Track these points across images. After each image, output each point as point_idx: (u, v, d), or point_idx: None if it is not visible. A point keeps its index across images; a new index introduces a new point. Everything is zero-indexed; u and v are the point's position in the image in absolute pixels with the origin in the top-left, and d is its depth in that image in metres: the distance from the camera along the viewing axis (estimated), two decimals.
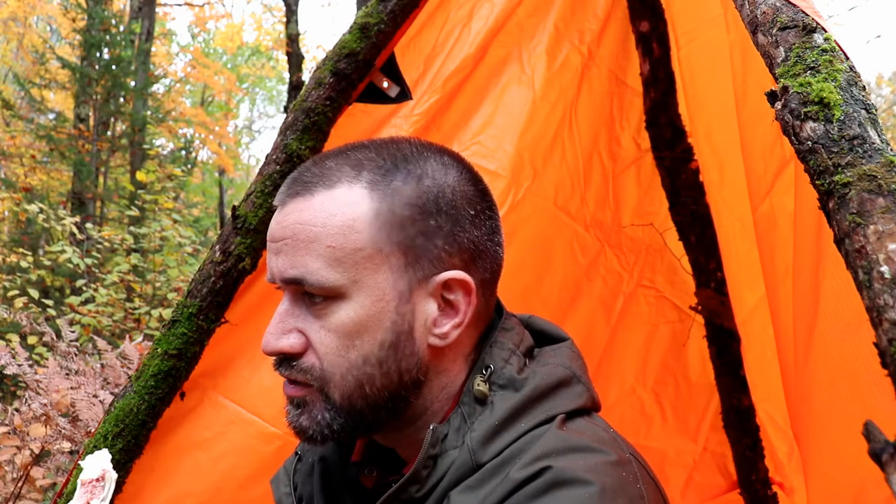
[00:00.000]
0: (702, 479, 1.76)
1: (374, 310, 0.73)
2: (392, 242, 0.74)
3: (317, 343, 0.75)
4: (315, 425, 0.76)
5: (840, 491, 0.93)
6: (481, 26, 1.46)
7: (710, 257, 1.65)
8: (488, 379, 0.77)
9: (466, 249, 0.77)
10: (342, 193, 0.74)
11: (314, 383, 0.75)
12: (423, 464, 0.73)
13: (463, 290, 0.77)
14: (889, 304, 0.54)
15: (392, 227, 0.74)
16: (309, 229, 0.73)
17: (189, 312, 1.23)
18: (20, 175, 10.34)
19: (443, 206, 0.76)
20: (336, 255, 0.72)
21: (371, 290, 0.73)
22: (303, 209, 0.74)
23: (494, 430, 0.73)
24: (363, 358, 0.74)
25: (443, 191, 0.77)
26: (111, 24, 10.07)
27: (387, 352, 0.74)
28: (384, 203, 0.74)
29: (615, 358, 1.69)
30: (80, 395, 2.83)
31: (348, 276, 0.73)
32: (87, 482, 0.85)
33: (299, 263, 0.73)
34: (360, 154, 0.77)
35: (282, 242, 0.75)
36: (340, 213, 0.73)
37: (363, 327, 0.74)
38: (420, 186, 0.75)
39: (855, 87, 0.69)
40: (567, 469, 0.67)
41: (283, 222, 0.76)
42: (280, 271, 0.75)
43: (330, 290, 0.73)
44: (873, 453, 0.52)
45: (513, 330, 0.83)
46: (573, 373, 0.80)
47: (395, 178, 0.75)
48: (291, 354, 0.76)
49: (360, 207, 0.73)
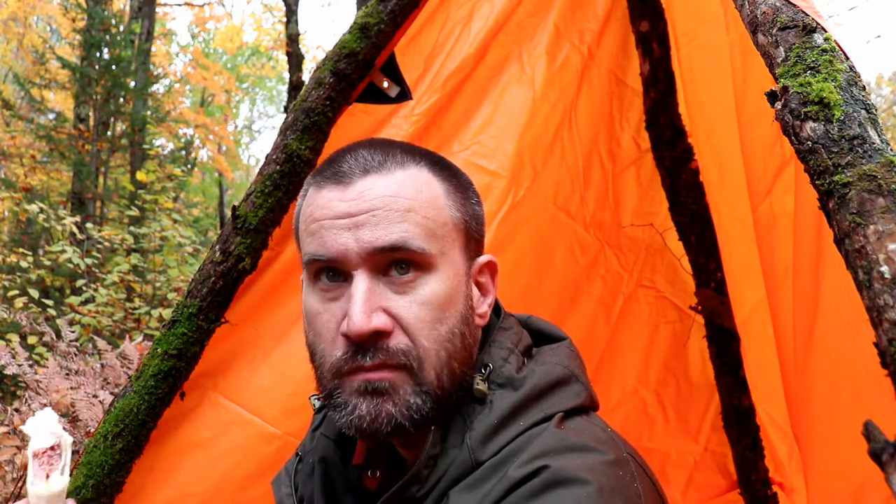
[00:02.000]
0: (702, 479, 1.76)
1: (456, 282, 0.77)
2: (461, 221, 0.79)
3: (409, 318, 0.73)
4: (404, 410, 0.72)
5: (840, 491, 0.93)
6: (481, 26, 1.46)
7: (710, 257, 1.65)
8: (487, 378, 0.77)
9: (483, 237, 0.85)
10: (417, 173, 0.77)
11: (412, 363, 0.73)
12: (424, 464, 0.73)
13: (490, 273, 0.83)
14: (889, 304, 0.54)
15: (458, 208, 0.79)
16: (402, 200, 0.74)
17: (189, 312, 1.22)
18: (20, 175, 10.33)
19: (477, 198, 0.84)
20: (430, 225, 0.75)
21: (452, 263, 0.77)
22: (387, 183, 0.75)
23: (493, 429, 0.74)
24: (451, 331, 0.75)
25: (473, 185, 0.85)
26: (111, 24, 10.06)
27: (465, 325, 0.77)
28: (447, 186, 0.79)
29: (616, 358, 1.69)
30: (80, 395, 2.83)
31: (438, 248, 0.75)
32: (41, 453, 0.77)
33: (397, 230, 0.73)
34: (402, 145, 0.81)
35: (368, 214, 0.73)
36: (425, 189, 0.77)
37: (450, 299, 0.76)
38: (460, 179, 0.83)
39: (855, 87, 0.69)
40: (564, 468, 0.67)
41: (363, 196, 0.74)
42: (369, 241, 0.72)
43: (427, 256, 0.74)
44: (873, 453, 0.52)
45: (511, 329, 0.83)
46: (571, 372, 0.80)
47: (443, 168, 0.81)
48: (384, 332, 0.72)
49: (437, 187, 0.78)
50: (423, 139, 1.46)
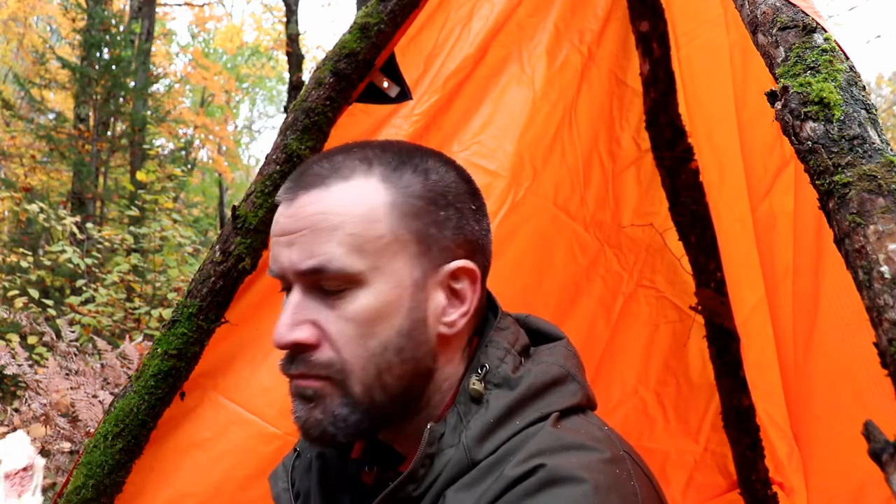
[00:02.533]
0: (702, 479, 1.76)
1: (393, 296, 0.75)
2: (409, 231, 0.76)
3: (334, 334, 0.74)
4: (330, 418, 0.75)
5: (840, 491, 0.93)
6: (481, 26, 1.46)
7: (709, 257, 1.65)
8: (483, 378, 0.78)
9: (470, 241, 0.80)
10: (359, 185, 0.76)
11: (335, 376, 0.75)
12: (420, 463, 0.73)
13: (469, 279, 0.79)
14: (889, 304, 0.54)
15: (408, 216, 0.76)
16: (330, 218, 0.74)
17: (189, 312, 1.23)
18: (20, 175, 10.33)
19: (450, 198, 0.79)
20: (357, 242, 0.74)
21: (390, 276, 0.75)
22: (321, 199, 0.75)
23: (489, 429, 0.74)
24: (383, 345, 0.74)
25: (448, 185, 0.80)
26: (111, 24, 10.06)
27: (405, 339, 0.75)
28: (399, 194, 0.76)
29: (616, 358, 1.69)
30: (79, 395, 2.83)
31: (368, 263, 0.74)
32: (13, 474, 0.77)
33: (318, 252, 0.73)
34: (367, 151, 0.79)
35: (297, 234, 0.75)
36: (360, 202, 0.75)
37: (382, 314, 0.74)
38: (428, 180, 0.79)
39: (855, 87, 0.69)
40: (560, 467, 0.67)
41: (297, 214, 0.76)
42: (295, 263, 0.75)
43: (350, 276, 0.73)
44: (873, 453, 0.52)
45: (508, 329, 0.83)
46: (568, 371, 0.80)
47: (405, 172, 0.78)
48: (306, 346, 0.75)
49: (379, 197, 0.75)
50: (423, 139, 1.46)
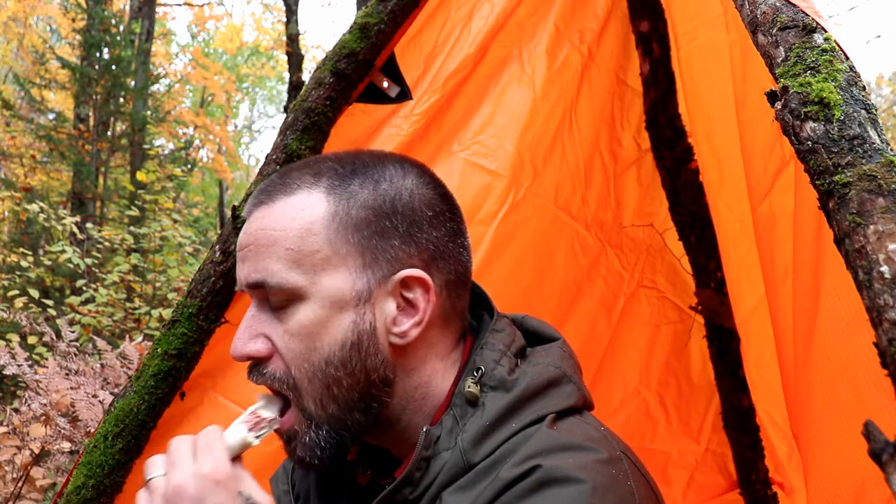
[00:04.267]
0: (703, 480, 1.76)
1: (333, 310, 0.75)
2: (349, 244, 0.75)
3: (282, 347, 0.76)
4: (308, 450, 0.77)
5: (840, 491, 0.92)
6: (481, 26, 1.46)
7: (709, 257, 1.65)
8: (479, 380, 0.78)
9: (425, 249, 0.78)
10: (301, 199, 0.76)
11: (289, 391, 0.76)
12: (416, 466, 0.74)
13: (422, 289, 0.77)
14: (889, 304, 0.54)
15: (348, 228, 0.76)
16: (269, 234, 0.75)
17: (189, 312, 1.22)
18: (20, 175, 10.33)
19: (399, 207, 0.78)
20: (294, 257, 0.74)
21: (329, 290, 0.75)
22: (264, 216, 0.77)
23: (485, 431, 0.74)
24: (325, 360, 0.75)
25: (399, 193, 0.78)
26: (111, 24, 10.06)
27: (349, 352, 0.75)
28: (341, 206, 0.76)
29: (618, 359, 1.69)
30: (79, 395, 2.83)
31: (307, 278, 0.74)
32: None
33: (260, 267, 0.75)
34: (322, 164, 0.80)
35: (246, 249, 0.77)
36: (298, 216, 0.75)
37: (323, 328, 0.74)
38: (377, 189, 0.78)
39: (855, 87, 0.69)
40: (557, 468, 0.67)
41: (247, 230, 0.78)
42: (244, 277, 0.77)
43: (289, 291, 0.74)
44: (873, 453, 0.52)
45: (504, 331, 0.83)
46: (563, 372, 0.80)
47: (352, 183, 0.77)
48: (258, 359, 0.77)
49: (318, 211, 0.75)
50: (423, 139, 1.46)
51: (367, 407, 0.77)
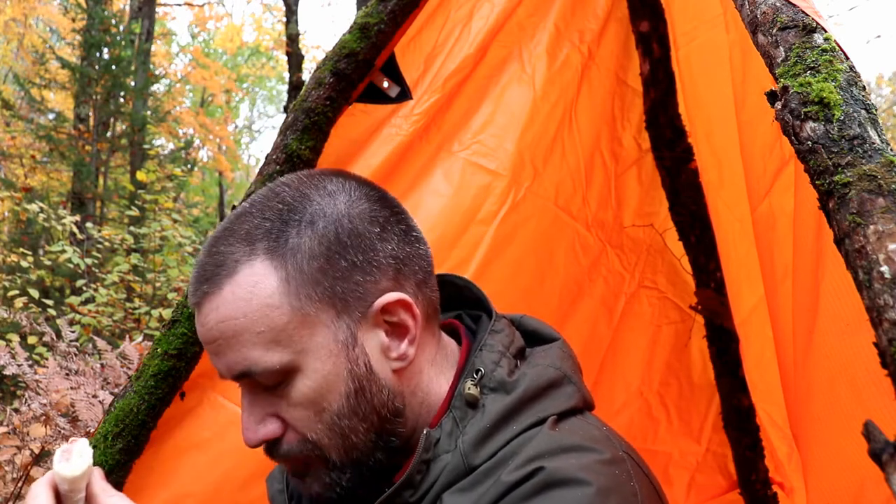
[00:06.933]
0: (704, 480, 1.76)
1: (328, 368, 0.73)
2: (314, 301, 0.72)
3: (292, 420, 0.75)
4: (327, 489, 0.77)
5: (840, 491, 0.92)
6: (481, 26, 1.46)
7: (709, 258, 1.65)
8: (479, 382, 0.77)
9: (388, 267, 0.76)
10: (245, 276, 0.72)
11: (311, 453, 0.76)
12: (416, 468, 0.73)
13: (403, 309, 0.76)
14: (889, 304, 0.54)
15: (308, 286, 0.72)
16: (232, 324, 0.72)
17: (189, 312, 1.22)
18: (20, 175, 10.34)
19: (346, 239, 0.74)
20: (269, 337, 0.71)
21: (317, 352, 0.73)
22: (218, 307, 0.72)
23: (486, 433, 0.74)
24: (336, 415, 0.74)
25: (340, 224, 0.74)
26: (111, 24, 10.06)
27: (356, 399, 0.74)
28: (290, 267, 0.72)
29: (619, 359, 1.69)
30: (79, 395, 2.83)
31: (290, 351, 0.72)
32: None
33: (240, 358, 0.72)
34: (246, 224, 0.74)
35: (215, 344, 0.74)
36: (253, 296, 0.71)
37: (324, 389, 0.74)
38: (316, 232, 0.73)
39: (855, 87, 0.69)
40: (560, 469, 0.67)
41: (205, 325, 0.74)
42: (228, 370, 0.74)
43: (279, 372, 0.72)
44: (873, 453, 0.52)
45: (502, 332, 0.83)
46: (564, 373, 0.80)
47: (289, 236, 0.73)
48: (275, 438, 0.76)
49: (270, 282, 0.72)
50: (423, 139, 1.46)
51: (385, 444, 0.77)
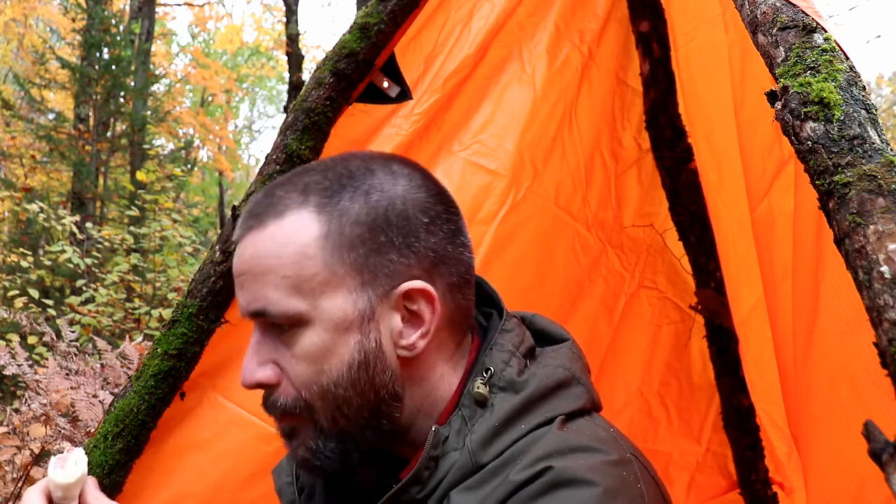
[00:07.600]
0: (704, 480, 1.76)
1: (338, 332, 0.74)
2: (346, 263, 0.74)
3: (290, 373, 0.75)
4: (310, 453, 0.77)
5: (840, 491, 0.92)
6: (481, 26, 1.46)
7: (709, 258, 1.65)
8: (488, 381, 0.77)
9: (425, 258, 0.76)
10: (291, 221, 0.74)
11: (302, 413, 0.76)
12: (424, 465, 0.73)
13: (425, 300, 0.76)
14: (889, 304, 0.54)
15: (343, 248, 0.74)
16: (263, 261, 0.74)
17: (189, 312, 1.22)
18: (20, 175, 10.34)
19: (393, 218, 0.75)
20: (292, 283, 0.73)
21: (331, 313, 0.73)
22: (256, 242, 0.75)
23: (494, 432, 0.74)
24: (334, 382, 0.74)
25: (392, 203, 0.76)
26: (111, 24, 10.06)
27: (357, 372, 0.74)
28: (333, 225, 0.74)
29: (619, 359, 1.69)
30: (80, 395, 2.83)
31: (308, 303, 0.73)
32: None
33: (260, 296, 0.74)
34: (307, 178, 0.77)
35: (242, 277, 0.76)
36: (291, 241, 0.73)
37: (329, 351, 0.74)
38: (368, 202, 0.75)
39: (855, 87, 0.69)
40: (568, 469, 0.67)
41: (241, 257, 0.76)
42: (245, 305, 0.76)
43: (292, 318, 0.73)
44: (873, 453, 0.52)
45: (513, 331, 0.83)
46: (573, 374, 0.80)
47: (342, 198, 0.75)
48: (269, 385, 0.77)
49: (310, 233, 0.73)
50: (423, 139, 1.46)
51: (377, 424, 0.77)
